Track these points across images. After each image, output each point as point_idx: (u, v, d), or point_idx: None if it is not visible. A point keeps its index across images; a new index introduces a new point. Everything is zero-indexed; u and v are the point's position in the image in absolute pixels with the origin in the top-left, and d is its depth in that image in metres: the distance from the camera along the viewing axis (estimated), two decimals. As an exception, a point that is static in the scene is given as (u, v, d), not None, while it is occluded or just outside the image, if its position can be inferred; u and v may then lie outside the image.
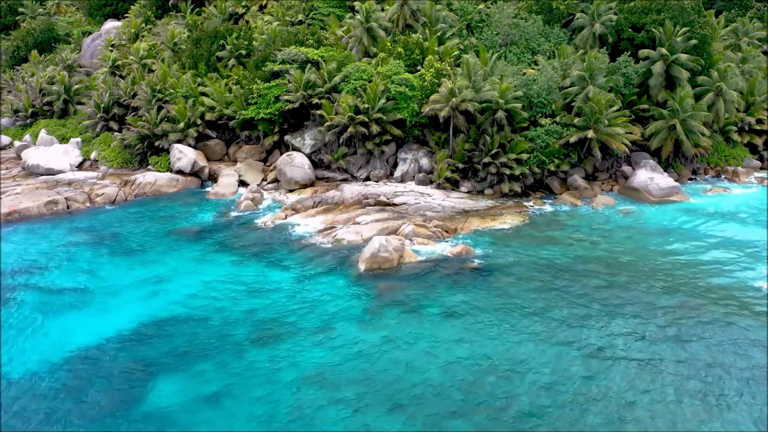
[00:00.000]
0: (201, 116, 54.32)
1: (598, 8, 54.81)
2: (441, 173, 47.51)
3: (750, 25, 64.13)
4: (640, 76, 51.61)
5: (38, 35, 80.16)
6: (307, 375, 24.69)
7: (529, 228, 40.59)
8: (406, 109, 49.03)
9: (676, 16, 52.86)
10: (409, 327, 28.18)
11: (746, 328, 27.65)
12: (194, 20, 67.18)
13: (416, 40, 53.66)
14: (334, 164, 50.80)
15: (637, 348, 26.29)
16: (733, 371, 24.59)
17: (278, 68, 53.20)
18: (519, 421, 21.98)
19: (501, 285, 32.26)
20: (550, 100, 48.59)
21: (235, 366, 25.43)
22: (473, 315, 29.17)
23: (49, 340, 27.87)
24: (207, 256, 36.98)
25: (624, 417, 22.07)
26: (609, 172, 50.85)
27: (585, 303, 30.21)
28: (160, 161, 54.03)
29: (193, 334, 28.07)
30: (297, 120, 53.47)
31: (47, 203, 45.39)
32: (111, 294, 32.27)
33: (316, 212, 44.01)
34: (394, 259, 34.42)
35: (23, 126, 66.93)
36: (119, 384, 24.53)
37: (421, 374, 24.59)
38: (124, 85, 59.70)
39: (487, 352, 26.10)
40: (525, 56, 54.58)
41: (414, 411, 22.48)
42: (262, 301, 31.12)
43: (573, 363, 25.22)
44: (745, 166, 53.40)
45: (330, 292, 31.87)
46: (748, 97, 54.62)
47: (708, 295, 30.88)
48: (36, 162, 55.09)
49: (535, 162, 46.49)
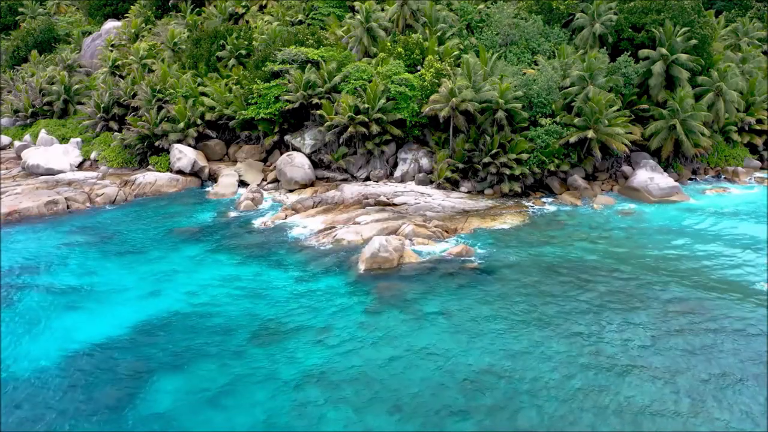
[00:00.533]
0: (201, 116, 54.37)
1: (598, 8, 54.83)
2: (441, 173, 47.52)
3: (750, 25, 64.17)
4: (640, 76, 51.62)
5: (38, 35, 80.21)
6: (308, 374, 24.70)
7: (529, 228, 40.61)
8: (406, 109, 49.05)
9: (676, 16, 52.88)
10: (409, 327, 28.19)
11: (746, 329, 27.69)
12: (194, 20, 67.23)
13: (416, 40, 53.68)
14: (334, 164, 50.81)
15: (637, 348, 26.30)
16: (726, 364, 24.70)
17: (278, 68, 53.22)
18: (519, 420, 21.99)
19: (501, 285, 32.28)
20: (550, 100, 48.60)
21: (236, 365, 25.45)
22: (473, 315, 29.18)
23: (49, 339, 27.88)
24: (207, 256, 37.00)
25: (623, 415, 22.12)
26: (609, 172, 50.87)
27: (585, 303, 30.24)
28: (160, 161, 54.06)
29: (193, 333, 28.09)
30: (297, 120, 53.50)
31: (47, 203, 45.41)
32: (111, 294, 32.30)
33: (316, 212, 44.01)
34: (394, 259, 34.42)
35: (23, 126, 66.98)
36: (119, 383, 24.54)
37: (421, 374, 24.60)
38: (124, 85, 59.75)
39: (486, 352, 26.11)
40: (525, 56, 54.61)
41: (414, 411, 22.49)
42: (262, 301, 31.14)
43: (573, 363, 25.23)
44: (745, 166, 53.42)
45: (330, 292, 31.88)
46: (748, 97, 54.64)
47: (708, 295, 30.90)
48: (36, 162, 55.11)
49: (535, 162, 46.51)
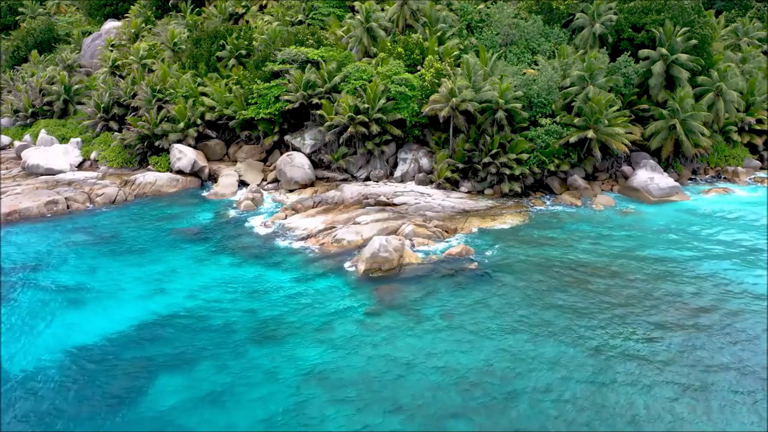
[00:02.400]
0: (201, 116, 54.36)
1: (598, 8, 54.84)
2: (441, 173, 47.51)
3: (750, 25, 64.21)
4: (640, 76, 51.63)
5: (38, 35, 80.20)
6: (308, 374, 24.71)
7: (529, 228, 40.60)
8: (406, 109, 49.03)
9: (676, 16, 52.88)
10: (408, 327, 28.19)
11: (747, 329, 27.75)
12: (194, 20, 67.24)
13: (416, 40, 53.67)
14: (334, 164, 50.80)
15: (638, 349, 26.29)
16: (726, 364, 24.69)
17: (278, 68, 53.22)
18: (518, 421, 21.99)
19: (501, 285, 32.28)
20: (550, 100, 48.59)
21: (236, 365, 25.45)
22: (473, 315, 29.18)
23: (49, 339, 27.88)
24: (207, 257, 36.99)
25: (622, 413, 22.11)
26: (609, 172, 50.87)
27: (585, 303, 30.23)
28: (160, 161, 54.04)
29: (193, 333, 28.10)
30: (297, 120, 53.49)
31: (47, 203, 45.40)
32: (111, 293, 32.29)
33: (316, 212, 44.00)
34: (394, 259, 34.40)
35: (23, 126, 66.95)
36: (119, 383, 24.55)
37: (421, 374, 24.61)
38: (124, 85, 59.73)
39: (486, 352, 26.12)
40: (525, 56, 54.61)
41: (414, 411, 22.50)
42: (261, 301, 31.13)
43: (573, 362, 25.22)
44: (745, 166, 53.43)
45: (330, 292, 31.88)
46: (748, 97, 54.67)
47: (709, 296, 30.92)
48: (36, 162, 55.09)
49: (535, 162, 46.50)
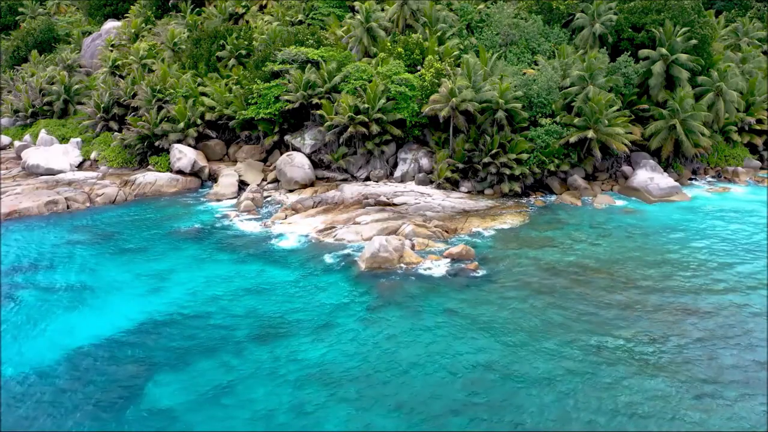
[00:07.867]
0: (201, 116, 54.37)
1: (598, 8, 54.87)
2: (441, 173, 47.52)
3: (750, 25, 64.25)
4: (640, 76, 51.65)
5: (38, 35, 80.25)
6: (308, 373, 24.69)
7: (529, 228, 40.60)
8: (406, 109, 49.04)
9: (676, 16, 52.91)
10: (409, 326, 28.18)
11: (747, 330, 27.73)
12: (194, 20, 67.25)
13: (416, 40, 53.69)
14: (334, 164, 50.81)
15: (638, 349, 26.29)
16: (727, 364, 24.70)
17: (278, 68, 53.23)
18: (519, 419, 21.98)
19: (501, 285, 32.28)
20: (550, 100, 48.61)
21: (236, 364, 25.43)
22: (473, 315, 29.17)
23: (49, 338, 27.86)
24: (207, 256, 36.98)
25: (623, 412, 22.12)
26: (609, 172, 50.89)
27: (585, 302, 30.21)
28: (160, 161, 54.06)
29: (193, 332, 28.08)
30: (297, 120, 53.50)
31: (47, 203, 45.41)
32: (111, 293, 32.27)
33: (316, 212, 44.00)
34: (394, 259, 34.42)
35: (23, 126, 67.00)
36: (119, 382, 24.51)
37: (422, 373, 24.59)
38: (124, 85, 59.75)
39: (486, 351, 26.10)
40: (525, 56, 54.63)
41: (414, 410, 22.48)
42: (262, 300, 31.11)
43: (573, 362, 25.21)
44: (745, 166, 53.46)
45: (330, 292, 31.87)
46: (748, 97, 54.69)
47: (709, 295, 30.90)
48: (36, 162, 55.12)
49: (535, 162, 46.51)
